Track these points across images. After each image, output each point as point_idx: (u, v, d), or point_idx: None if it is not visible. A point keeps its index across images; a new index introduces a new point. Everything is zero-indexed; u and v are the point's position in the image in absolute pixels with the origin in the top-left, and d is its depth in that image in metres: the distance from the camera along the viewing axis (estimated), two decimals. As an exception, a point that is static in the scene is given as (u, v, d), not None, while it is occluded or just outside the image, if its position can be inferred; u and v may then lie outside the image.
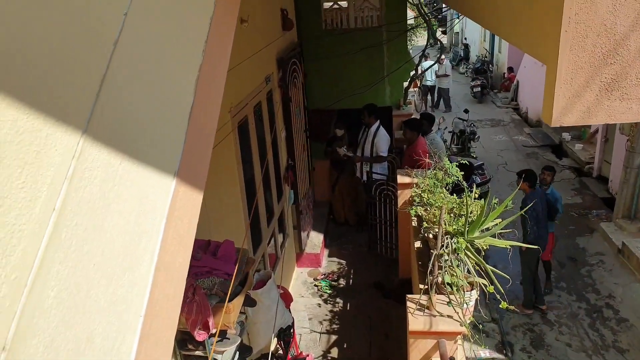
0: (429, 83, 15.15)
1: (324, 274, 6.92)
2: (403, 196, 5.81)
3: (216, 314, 2.91)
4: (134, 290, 0.88)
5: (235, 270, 2.79)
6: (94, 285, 0.81)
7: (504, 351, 5.87)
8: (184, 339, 2.86)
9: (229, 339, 3.10)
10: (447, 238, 3.75)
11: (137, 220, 0.91)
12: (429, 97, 15.53)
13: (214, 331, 2.93)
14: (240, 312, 3.44)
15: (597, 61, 1.58)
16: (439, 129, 10.77)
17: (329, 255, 7.44)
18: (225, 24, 1.38)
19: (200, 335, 2.69)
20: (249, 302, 3.47)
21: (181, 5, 1.19)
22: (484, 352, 5.84)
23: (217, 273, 2.84)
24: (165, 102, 1.06)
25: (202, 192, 1.21)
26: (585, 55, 1.57)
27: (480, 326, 6.14)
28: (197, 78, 1.16)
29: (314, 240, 7.33)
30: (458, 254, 3.71)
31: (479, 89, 16.15)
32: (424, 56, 10.54)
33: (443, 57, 14.54)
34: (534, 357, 5.81)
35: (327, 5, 7.92)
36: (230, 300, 2.90)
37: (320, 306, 6.33)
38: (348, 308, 6.30)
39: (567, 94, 1.62)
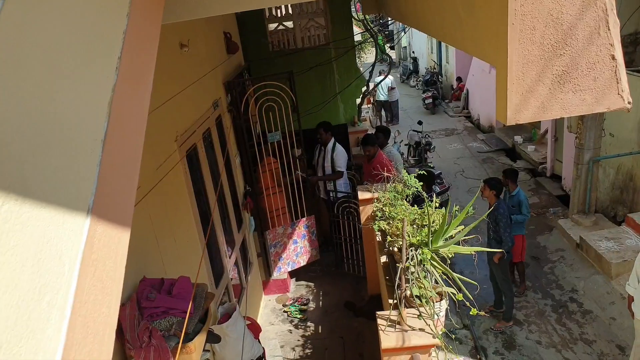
0: (382, 98, 15.30)
1: (293, 299, 6.71)
2: (365, 212, 5.74)
3: (178, 356, 2.70)
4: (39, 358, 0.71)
5: (190, 306, 2.60)
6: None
7: (478, 356, 5.82)
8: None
9: (192, 381, 2.88)
10: (411, 250, 3.66)
11: (35, 272, 0.74)
12: (383, 113, 15.66)
13: (175, 375, 2.71)
14: (205, 350, 3.22)
15: (547, 53, 1.52)
16: (394, 142, 10.85)
17: (297, 279, 7.25)
18: (144, 35, 1.23)
19: (159, 383, 2.47)
20: (213, 338, 3.27)
21: (86, 15, 1.04)
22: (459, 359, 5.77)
23: (174, 312, 2.64)
24: (67, 130, 0.91)
25: (129, 228, 1.05)
26: (535, 48, 1.51)
27: (453, 336, 6.11)
28: (111, 100, 1.01)
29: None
30: (424, 265, 3.63)
31: (431, 100, 16.46)
32: (380, 72, 10.68)
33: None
34: (507, 358, 5.79)
35: (272, 27, 7.88)
36: (190, 340, 2.70)
37: (291, 332, 6.12)
38: (320, 331, 6.12)
39: (520, 90, 1.56)
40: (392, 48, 25.84)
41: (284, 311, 6.49)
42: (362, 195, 5.66)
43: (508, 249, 5.92)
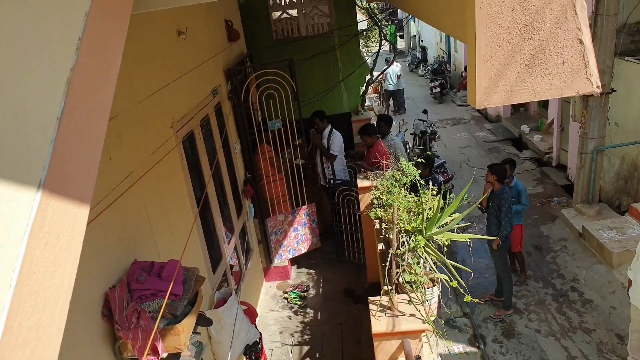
0: (391, 87, 15.19)
1: (293, 286, 6.78)
2: (364, 199, 5.77)
3: (166, 337, 2.76)
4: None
5: (178, 289, 2.66)
6: None
7: (477, 344, 5.85)
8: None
9: (182, 362, 2.94)
10: (403, 236, 3.69)
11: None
12: (391, 102, 15.56)
13: (164, 355, 2.78)
14: (196, 333, 3.29)
15: (515, 37, 1.53)
16: (399, 131, 10.82)
17: (298, 266, 7.31)
18: (110, 18, 1.26)
19: (147, 362, 2.54)
20: (205, 321, 3.33)
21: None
22: (457, 347, 5.81)
23: (163, 295, 2.69)
24: (19, 106, 0.94)
25: (88, 205, 1.09)
26: (503, 32, 1.52)
27: (451, 322, 6.14)
28: (69, 79, 1.05)
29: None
30: (416, 252, 3.65)
31: (438, 89, 16.34)
32: (386, 61, 10.64)
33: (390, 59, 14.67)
34: (506, 346, 5.81)
35: (276, 15, 7.88)
36: (179, 322, 2.76)
37: (290, 318, 6.19)
38: (319, 317, 6.18)
39: (489, 73, 1.57)
40: (401, 37, 25.66)
41: (284, 298, 6.56)
42: (362, 183, 5.69)
43: (506, 234, 5.92)
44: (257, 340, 4.58)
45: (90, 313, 2.48)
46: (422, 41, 22.54)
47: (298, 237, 6.75)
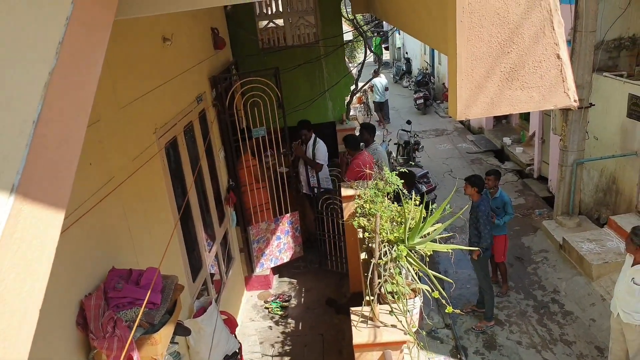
0: (378, 99, 15.29)
1: (275, 295, 6.73)
2: (348, 208, 5.77)
3: (142, 347, 2.72)
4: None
5: (155, 297, 2.62)
6: None
7: (459, 355, 5.86)
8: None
9: (158, 372, 2.89)
10: (386, 246, 3.69)
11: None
12: (376, 113, 15.63)
13: (141, 366, 2.72)
14: (174, 342, 3.24)
15: (495, 51, 1.55)
16: (383, 141, 10.89)
17: (280, 276, 7.27)
18: (92, 24, 1.25)
19: (122, 372, 2.48)
20: (183, 331, 3.28)
21: None
22: (439, 359, 5.81)
23: (140, 303, 2.65)
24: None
25: (63, 211, 1.07)
26: (483, 45, 1.54)
27: (433, 333, 6.15)
28: (47, 83, 1.03)
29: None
30: (399, 261, 3.66)
31: (422, 100, 16.51)
32: (375, 73, 10.73)
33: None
34: (487, 358, 5.84)
35: (262, 24, 7.90)
36: (156, 331, 2.72)
37: (271, 329, 6.14)
38: (300, 328, 6.14)
39: (470, 85, 1.59)
40: (386, 49, 25.88)
41: (265, 307, 6.51)
42: (345, 191, 5.70)
43: (487, 246, 5.97)
44: (237, 350, 4.53)
45: (64, 321, 2.42)
46: (406, 53, 22.77)
47: (280, 246, 6.72)
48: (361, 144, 6.86)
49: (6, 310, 0.87)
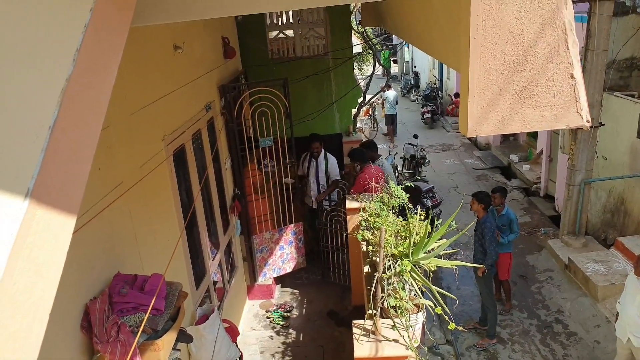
0: (390, 112, 15.28)
1: (277, 305, 6.71)
2: (352, 221, 5.75)
3: (145, 353, 2.71)
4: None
5: (159, 303, 2.61)
6: None
7: (460, 373, 5.80)
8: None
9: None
10: (390, 260, 3.68)
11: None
12: (385, 126, 15.63)
13: (142, 372, 2.71)
14: (176, 349, 3.23)
15: (508, 69, 1.55)
16: (389, 154, 10.89)
17: (282, 286, 7.24)
18: (109, 31, 1.27)
19: (123, 378, 2.48)
20: (185, 338, 3.27)
21: (47, 6, 1.07)
22: (440, 376, 5.75)
23: (145, 309, 2.64)
24: (9, 113, 0.93)
25: (75, 216, 1.08)
26: (496, 62, 1.55)
27: (434, 349, 6.09)
28: (64, 89, 1.04)
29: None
30: (402, 276, 3.64)
31: (429, 115, 16.52)
32: (386, 87, 10.79)
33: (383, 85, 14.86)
34: (489, 377, 5.77)
35: (272, 34, 7.96)
36: (159, 337, 2.71)
37: (272, 338, 6.11)
38: (301, 338, 6.10)
39: (482, 102, 1.59)
40: (395, 62, 25.97)
41: (267, 317, 6.48)
42: (350, 204, 5.68)
43: (492, 263, 5.93)
44: (238, 359, 4.51)
45: (69, 324, 2.42)
46: (415, 67, 22.85)
47: (284, 256, 6.70)
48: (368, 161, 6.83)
49: (17, 313, 0.87)
